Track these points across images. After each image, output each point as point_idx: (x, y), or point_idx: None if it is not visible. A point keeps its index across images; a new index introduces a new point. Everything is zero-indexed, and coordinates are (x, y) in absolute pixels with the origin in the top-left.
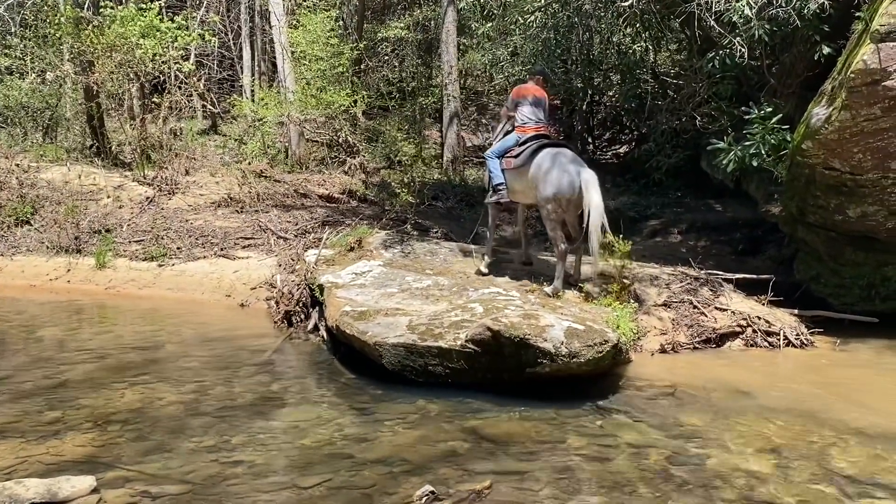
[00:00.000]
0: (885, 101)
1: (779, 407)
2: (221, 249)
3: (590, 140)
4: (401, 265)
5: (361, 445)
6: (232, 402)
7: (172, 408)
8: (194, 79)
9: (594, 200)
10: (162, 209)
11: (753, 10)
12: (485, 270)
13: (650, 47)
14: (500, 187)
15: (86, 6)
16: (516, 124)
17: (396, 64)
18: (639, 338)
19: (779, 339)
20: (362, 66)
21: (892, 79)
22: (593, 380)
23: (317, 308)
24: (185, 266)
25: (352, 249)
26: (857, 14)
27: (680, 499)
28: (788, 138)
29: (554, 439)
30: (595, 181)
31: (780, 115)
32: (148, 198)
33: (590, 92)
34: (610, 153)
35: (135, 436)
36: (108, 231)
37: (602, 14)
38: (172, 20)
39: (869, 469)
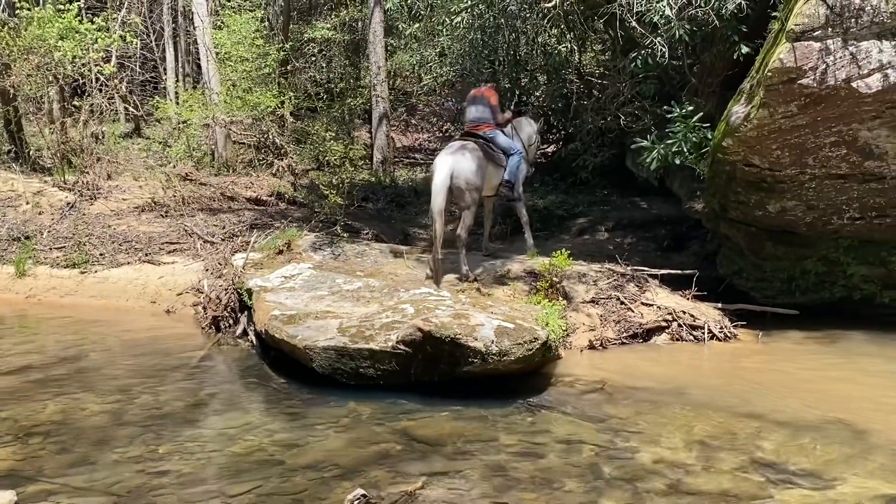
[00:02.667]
0: (801, 98)
1: (704, 399)
2: (146, 255)
3: None
4: (331, 267)
5: (292, 451)
6: (158, 411)
7: (97, 418)
8: (116, 81)
9: (433, 185)
10: (84, 215)
11: (673, 11)
12: None
13: (575, 48)
14: None
15: (1, 7)
16: None
17: (324, 65)
18: (568, 334)
19: (703, 333)
20: (289, 67)
21: (808, 77)
22: (524, 377)
23: (245, 313)
24: (108, 273)
25: (281, 252)
26: (774, 14)
27: (610, 493)
28: (709, 136)
29: (485, 438)
30: (443, 167)
31: (702, 113)
32: (69, 203)
33: (517, 92)
34: (538, 153)
35: (58, 448)
36: (27, 238)
37: (527, 15)
38: (92, 21)
39: (791, 457)
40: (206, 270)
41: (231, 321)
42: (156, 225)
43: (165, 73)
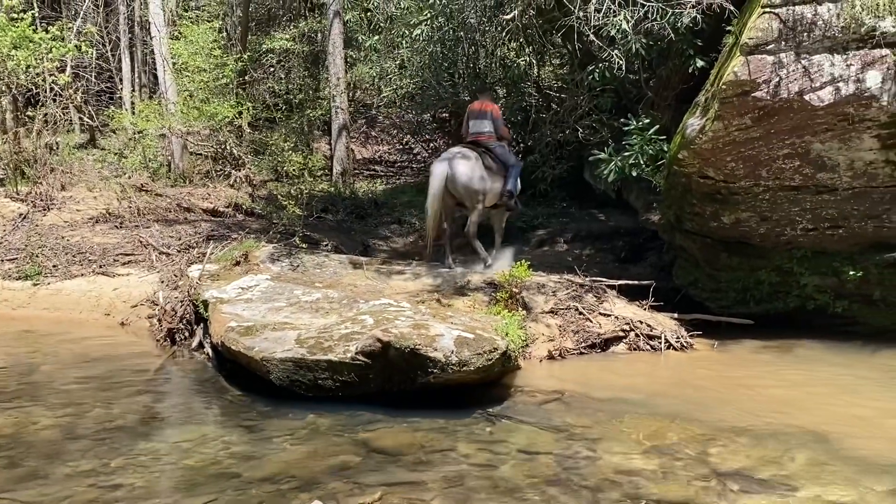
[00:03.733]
0: (754, 111)
1: (662, 408)
2: (100, 266)
3: None
4: (289, 279)
5: (249, 464)
6: (112, 424)
7: (48, 432)
8: (71, 91)
9: (429, 190)
10: (37, 226)
11: (630, 25)
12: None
13: (534, 61)
14: None
15: None
16: None
17: (283, 76)
18: (527, 345)
19: (660, 343)
20: (247, 78)
21: (761, 90)
22: (483, 387)
23: (201, 325)
24: (61, 284)
25: (238, 264)
26: (728, 28)
27: (569, 502)
28: (665, 148)
29: (444, 448)
30: (438, 173)
31: (658, 126)
32: (21, 214)
33: None
34: None
35: (6, 462)
36: None
37: (486, 28)
38: (47, 31)
39: (748, 464)
40: (162, 282)
41: (187, 333)
42: (110, 236)
43: (121, 84)
